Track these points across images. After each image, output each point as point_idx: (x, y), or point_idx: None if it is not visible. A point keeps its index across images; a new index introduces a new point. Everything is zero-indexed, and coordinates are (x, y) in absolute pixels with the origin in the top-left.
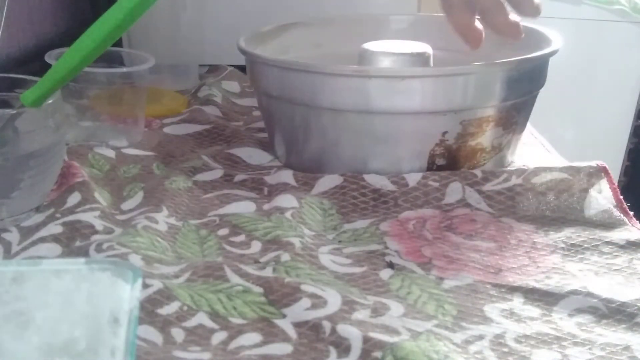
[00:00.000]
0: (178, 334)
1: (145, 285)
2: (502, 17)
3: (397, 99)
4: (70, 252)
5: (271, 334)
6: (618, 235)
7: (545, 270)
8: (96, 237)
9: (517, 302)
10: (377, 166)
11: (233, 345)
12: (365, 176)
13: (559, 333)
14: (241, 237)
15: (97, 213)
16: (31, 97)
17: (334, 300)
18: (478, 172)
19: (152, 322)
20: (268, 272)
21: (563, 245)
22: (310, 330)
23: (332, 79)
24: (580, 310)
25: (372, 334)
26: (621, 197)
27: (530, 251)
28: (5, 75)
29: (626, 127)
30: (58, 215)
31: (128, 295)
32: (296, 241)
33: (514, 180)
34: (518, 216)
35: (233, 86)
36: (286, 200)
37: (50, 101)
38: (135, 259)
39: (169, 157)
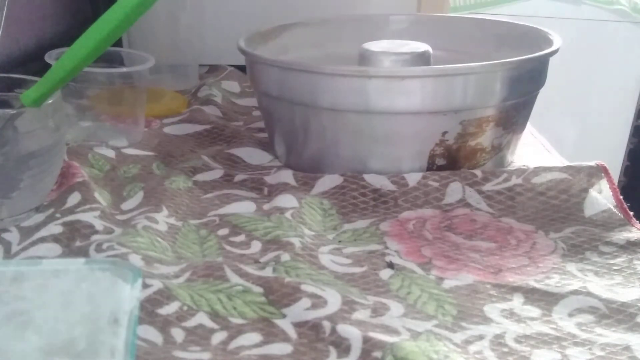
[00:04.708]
0: (178, 334)
1: (145, 285)
2: None
3: (397, 99)
4: (70, 252)
5: (271, 334)
6: (618, 235)
7: (545, 270)
8: (96, 237)
9: (517, 302)
10: (377, 166)
11: (233, 345)
12: (365, 176)
13: (559, 333)
14: (241, 237)
15: (97, 213)
16: (31, 97)
17: (334, 300)
18: (478, 172)
19: (152, 322)
20: (268, 272)
21: (563, 245)
22: (310, 330)
23: (332, 79)
24: (580, 310)
25: (372, 334)
26: (621, 197)
27: (530, 251)
28: (5, 75)
29: (626, 127)
30: (58, 215)
31: (128, 295)
32: (296, 241)
33: (514, 180)
34: (518, 216)
35: (233, 86)
36: (286, 200)
37: (50, 101)
38: (135, 259)
39: (169, 157)
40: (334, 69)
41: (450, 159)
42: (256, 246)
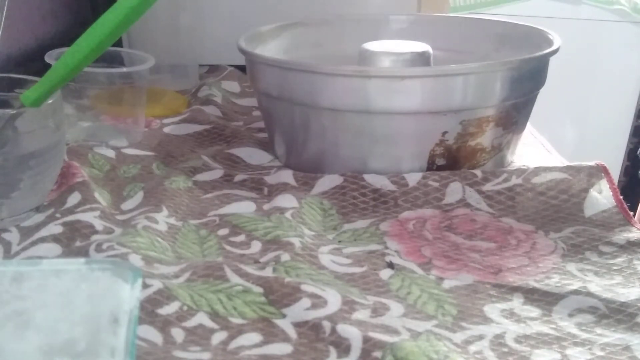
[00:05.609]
0: (178, 334)
1: (145, 285)
2: None
3: (396, 99)
4: (70, 252)
5: (271, 334)
6: (618, 235)
7: (545, 270)
8: (96, 237)
9: (517, 302)
10: (377, 166)
11: (233, 345)
12: (365, 176)
13: (559, 333)
14: (241, 237)
15: (97, 213)
16: (31, 97)
17: (334, 300)
18: (478, 172)
19: (152, 322)
20: (268, 272)
21: (563, 245)
22: (310, 330)
23: (332, 79)
24: (580, 310)
25: (372, 334)
26: (621, 197)
27: (530, 251)
28: (5, 75)
29: (626, 127)
30: (58, 215)
31: (128, 295)
32: (296, 241)
33: (514, 180)
34: (518, 216)
35: (233, 86)
36: (286, 200)
37: (50, 101)
38: (135, 259)
39: (169, 157)
40: (334, 69)
41: (450, 159)
42: (256, 246)
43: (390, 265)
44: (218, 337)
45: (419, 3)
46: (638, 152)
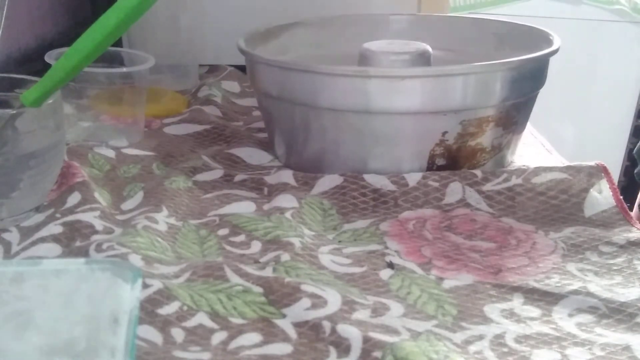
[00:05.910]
0: (178, 334)
1: (145, 285)
2: None
3: (397, 99)
4: (70, 252)
5: (271, 334)
6: (618, 235)
7: (545, 270)
8: (96, 237)
9: (517, 302)
10: (377, 166)
11: (233, 345)
12: (365, 176)
13: (559, 333)
14: (241, 237)
15: (97, 213)
16: (31, 97)
17: (334, 300)
18: (478, 172)
19: (152, 322)
20: (268, 272)
21: (563, 245)
22: (310, 330)
23: (332, 79)
24: (580, 310)
25: (372, 334)
26: (621, 197)
27: (530, 251)
28: (5, 75)
29: (626, 127)
30: (58, 215)
31: (128, 295)
32: (296, 241)
33: (514, 180)
34: (518, 216)
35: (233, 86)
36: (286, 200)
37: (50, 101)
38: (135, 259)
39: (169, 157)
40: (334, 69)
41: (450, 159)
42: (256, 246)
43: (390, 265)
44: (218, 337)
45: (419, 3)
46: (634, 151)
